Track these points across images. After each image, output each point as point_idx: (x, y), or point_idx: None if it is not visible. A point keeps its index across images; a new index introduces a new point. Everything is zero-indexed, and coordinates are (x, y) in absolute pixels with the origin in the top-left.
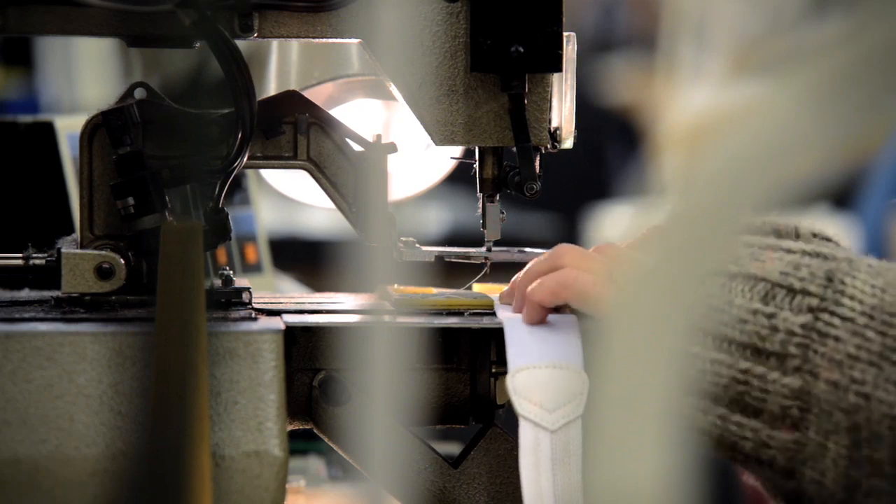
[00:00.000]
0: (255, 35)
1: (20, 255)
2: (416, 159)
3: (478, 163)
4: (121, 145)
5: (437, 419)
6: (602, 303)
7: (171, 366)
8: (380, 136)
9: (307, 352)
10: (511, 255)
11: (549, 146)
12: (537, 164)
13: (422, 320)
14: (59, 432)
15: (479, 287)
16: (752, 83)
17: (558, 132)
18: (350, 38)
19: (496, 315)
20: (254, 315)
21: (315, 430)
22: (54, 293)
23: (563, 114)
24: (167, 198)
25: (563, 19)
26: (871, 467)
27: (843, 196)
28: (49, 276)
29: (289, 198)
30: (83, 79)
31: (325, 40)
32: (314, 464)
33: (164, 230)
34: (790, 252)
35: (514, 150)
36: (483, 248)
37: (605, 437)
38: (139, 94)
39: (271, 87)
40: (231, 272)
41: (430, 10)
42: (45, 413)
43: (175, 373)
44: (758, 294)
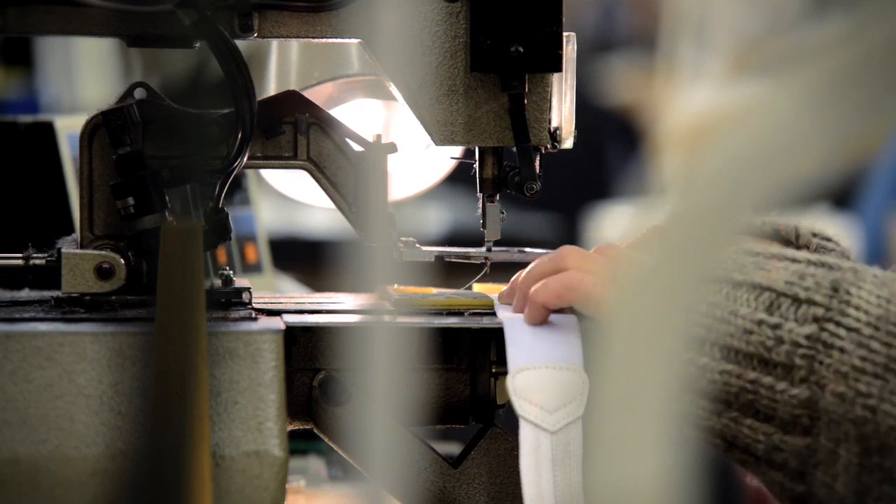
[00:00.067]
0: (255, 35)
1: (20, 255)
2: (416, 159)
3: (478, 163)
4: (121, 145)
5: (437, 419)
6: (605, 305)
7: (171, 366)
8: (380, 136)
9: (307, 352)
10: (511, 255)
11: (549, 146)
12: (537, 164)
13: (422, 320)
14: (59, 432)
15: (479, 287)
16: (752, 83)
17: (558, 132)
18: (350, 38)
19: (496, 315)
20: (254, 315)
21: (315, 430)
22: (54, 293)
23: (563, 114)
24: (167, 198)
25: (563, 19)
26: (882, 474)
27: (843, 196)
28: (49, 276)
29: (289, 198)
30: (83, 79)
31: (325, 40)
32: (314, 464)
33: (164, 230)
34: (795, 261)
35: (514, 150)
36: (483, 248)
37: (606, 437)
38: (139, 94)
39: (271, 87)
40: (231, 272)
41: (430, 10)
42: (45, 413)
43: (175, 373)
44: (763, 304)
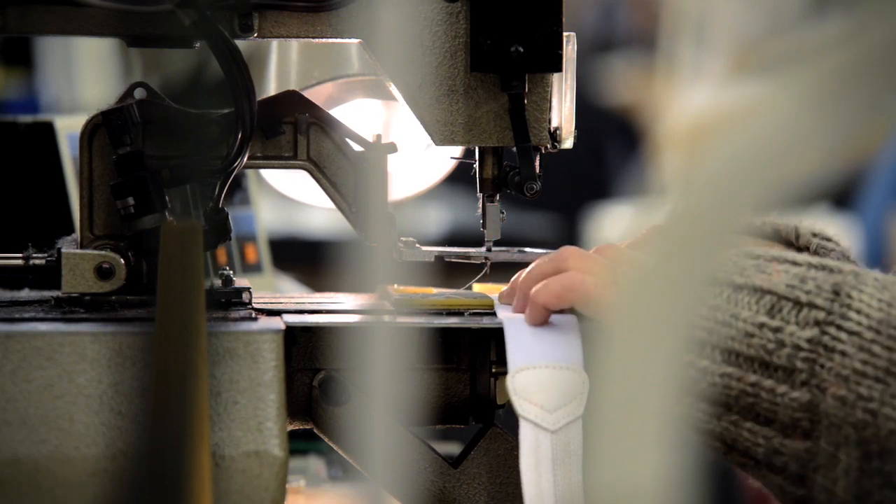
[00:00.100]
0: (255, 35)
1: (20, 255)
2: (416, 159)
3: (478, 163)
4: (121, 145)
5: (437, 419)
6: (606, 306)
7: (171, 366)
8: (380, 136)
9: (307, 352)
10: (511, 255)
11: (549, 146)
12: (537, 164)
13: (422, 320)
14: (59, 432)
15: (479, 287)
16: (752, 83)
17: (558, 132)
18: (350, 38)
19: (496, 315)
20: (254, 315)
21: (315, 430)
22: (54, 293)
23: (563, 114)
24: (167, 198)
25: (563, 19)
26: (883, 479)
27: (843, 196)
28: (49, 276)
29: (289, 198)
30: (83, 79)
31: (325, 40)
32: (314, 464)
33: (164, 230)
34: (796, 264)
35: (514, 150)
36: (483, 248)
37: (606, 437)
38: (139, 94)
39: (271, 87)
40: (231, 272)
41: (430, 10)
42: (45, 413)
43: (175, 373)
44: (764, 307)
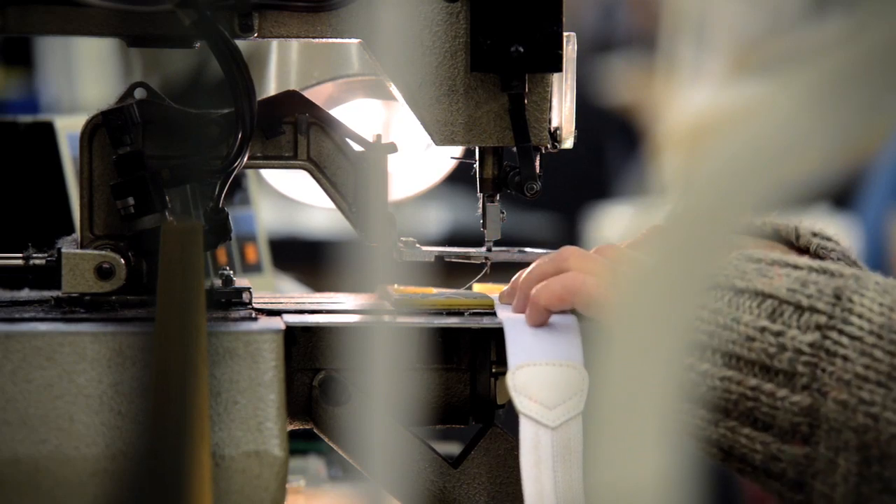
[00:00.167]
0: (255, 35)
1: (20, 255)
2: (416, 159)
3: (478, 163)
4: (121, 145)
5: (437, 419)
6: (607, 307)
7: (171, 366)
8: (380, 136)
9: (307, 352)
10: (511, 255)
11: (549, 146)
12: (537, 164)
13: (422, 320)
14: (59, 432)
15: (479, 287)
16: (752, 83)
17: (558, 132)
18: (350, 38)
19: (496, 315)
20: (254, 315)
21: (315, 430)
22: (54, 293)
23: (563, 114)
24: (167, 198)
25: (563, 19)
26: (882, 484)
27: (843, 196)
28: (49, 276)
29: (289, 198)
30: (83, 79)
31: (325, 40)
32: (314, 464)
33: (164, 230)
34: (797, 268)
35: (514, 150)
36: (483, 248)
37: (606, 437)
38: (139, 94)
39: (271, 87)
40: (231, 272)
41: (430, 10)
42: (45, 413)
43: (175, 373)
44: (765, 311)
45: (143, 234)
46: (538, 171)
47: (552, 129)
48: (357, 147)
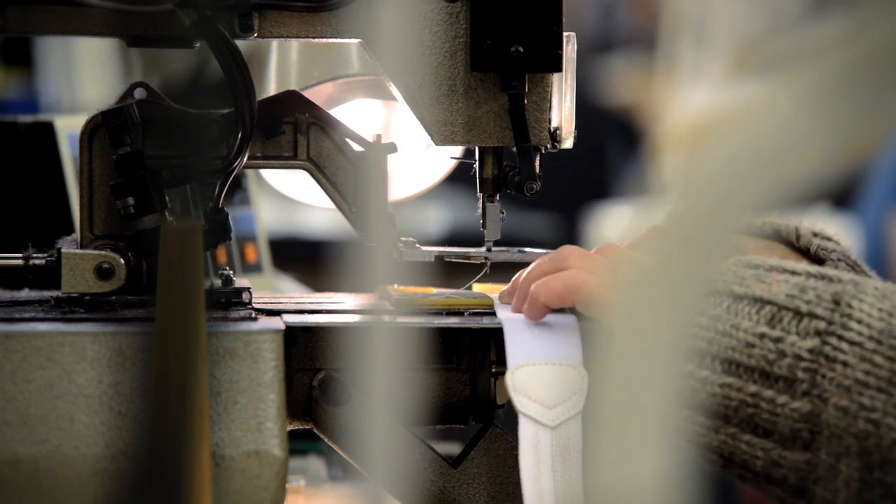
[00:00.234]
0: (255, 35)
1: (20, 255)
2: (416, 159)
3: (478, 163)
4: (121, 145)
5: (437, 419)
6: (607, 308)
7: (171, 366)
8: (380, 136)
9: (307, 352)
10: (511, 255)
11: (549, 146)
12: (537, 164)
13: (422, 320)
14: (59, 432)
15: (479, 287)
16: (752, 83)
17: (558, 132)
18: (350, 38)
19: (496, 315)
20: (254, 315)
21: (315, 430)
22: (54, 293)
23: (563, 114)
24: (167, 198)
25: (563, 19)
26: (884, 490)
27: (843, 196)
28: (49, 276)
29: (289, 198)
30: (83, 79)
31: (325, 40)
32: (314, 464)
33: (164, 230)
34: (795, 274)
35: (514, 150)
36: (483, 248)
37: (606, 437)
38: (139, 94)
39: (271, 87)
40: (231, 272)
41: (430, 10)
42: (45, 413)
43: (175, 373)
44: (764, 317)
45: (143, 234)
46: (538, 171)
47: (552, 129)
48: (357, 147)
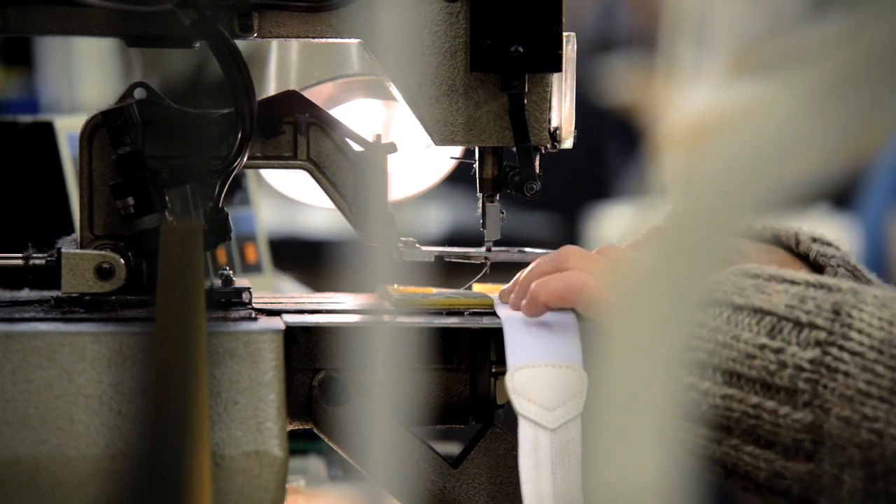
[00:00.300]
0: (255, 35)
1: (20, 255)
2: (416, 159)
3: (478, 163)
4: (121, 145)
5: (437, 419)
6: (608, 309)
7: (171, 366)
8: (380, 136)
9: (307, 352)
10: (511, 255)
11: (549, 146)
12: (537, 164)
13: (422, 320)
14: (59, 432)
15: (479, 287)
16: (752, 83)
17: (558, 132)
18: (350, 38)
19: (496, 315)
20: (254, 315)
21: (315, 430)
22: (54, 293)
23: (563, 114)
24: (167, 198)
25: (563, 19)
26: (888, 500)
27: (843, 196)
28: (49, 276)
29: (289, 198)
30: (83, 79)
31: (325, 40)
32: (314, 464)
33: (164, 230)
34: (794, 283)
35: (514, 150)
36: (483, 248)
37: (606, 438)
38: (139, 94)
39: (271, 87)
40: (231, 272)
41: (430, 10)
42: (45, 413)
43: (175, 373)
44: (764, 328)
45: (143, 234)
46: (538, 171)
47: (552, 129)
48: (357, 147)
